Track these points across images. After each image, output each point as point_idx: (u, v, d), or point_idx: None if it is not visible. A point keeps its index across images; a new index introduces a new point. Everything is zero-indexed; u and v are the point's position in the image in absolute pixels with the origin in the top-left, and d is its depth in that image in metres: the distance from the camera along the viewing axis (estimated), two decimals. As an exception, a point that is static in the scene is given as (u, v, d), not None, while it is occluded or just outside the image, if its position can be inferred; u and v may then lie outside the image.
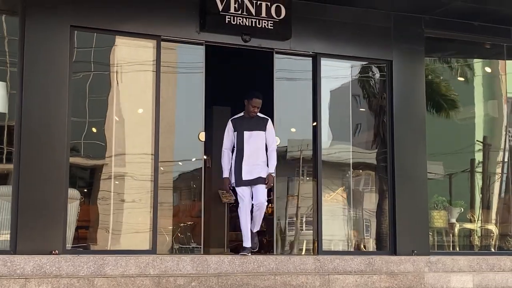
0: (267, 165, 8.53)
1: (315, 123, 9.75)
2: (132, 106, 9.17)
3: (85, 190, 9.03)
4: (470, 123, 11.73)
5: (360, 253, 9.79)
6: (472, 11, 10.14)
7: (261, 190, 8.47)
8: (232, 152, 8.64)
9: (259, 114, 8.53)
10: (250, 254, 8.39)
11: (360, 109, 10.74)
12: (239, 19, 9.19)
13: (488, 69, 11.90)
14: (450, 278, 8.86)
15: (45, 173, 8.20)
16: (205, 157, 15.00)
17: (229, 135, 8.59)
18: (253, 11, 9.26)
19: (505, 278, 9.14)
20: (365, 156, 10.40)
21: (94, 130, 8.89)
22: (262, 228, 15.27)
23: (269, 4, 9.34)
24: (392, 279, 8.38)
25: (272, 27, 9.37)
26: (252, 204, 8.56)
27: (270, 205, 18.36)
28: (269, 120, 8.61)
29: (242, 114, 8.58)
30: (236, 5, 9.18)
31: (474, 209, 11.38)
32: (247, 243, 8.63)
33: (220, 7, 9.12)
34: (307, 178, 10.25)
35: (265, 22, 9.33)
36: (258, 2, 9.30)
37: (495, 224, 11.10)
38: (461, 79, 11.58)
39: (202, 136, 9.19)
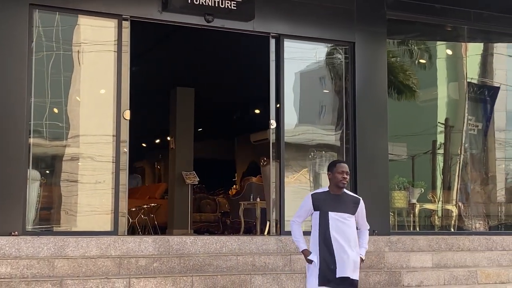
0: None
1: (278, 105, 9.76)
2: (94, 87, 9.07)
3: (47, 172, 8.93)
4: (432, 105, 11.88)
5: (322, 233, 9.85)
6: (434, -6, 10.24)
7: None
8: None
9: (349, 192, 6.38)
10: None
11: (324, 91, 10.79)
12: (202, -1, 9.14)
13: (449, 52, 12.03)
14: (410, 257, 9.00)
15: (5, 154, 8.09)
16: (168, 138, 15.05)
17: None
18: (216, -9, 9.22)
19: (463, 258, 9.32)
20: (329, 138, 10.46)
21: (56, 111, 8.79)
22: (226, 209, 15.43)
23: (232, -16, 9.30)
24: (353, 259, 8.47)
25: (235, 8, 9.32)
26: None
27: (235, 186, 18.49)
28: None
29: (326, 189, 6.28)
30: (199, -15, 9.11)
31: (435, 189, 11.56)
32: None
33: (183, -13, 9.04)
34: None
35: (228, 3, 9.28)
36: (221, -18, 9.26)
37: (455, 205, 11.27)
38: (423, 61, 11.69)
39: (127, 114, 8.84)
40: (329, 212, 6.01)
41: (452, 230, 11.01)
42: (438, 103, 11.99)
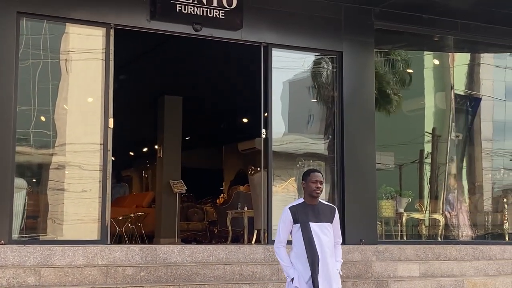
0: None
1: (266, 114, 9.77)
2: (81, 95, 9.05)
3: (33, 180, 8.89)
4: (419, 114, 11.93)
5: (309, 243, 9.85)
6: (421, 4, 10.28)
7: None
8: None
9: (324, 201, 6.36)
10: None
11: (312, 100, 10.82)
12: (190, 8, 9.13)
13: (436, 62, 12.10)
14: (397, 266, 9.01)
15: (-9, 162, 8.05)
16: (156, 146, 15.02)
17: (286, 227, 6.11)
18: (204, 0, 9.22)
19: (450, 267, 9.34)
20: (317, 147, 10.48)
21: (43, 119, 8.75)
22: (213, 218, 15.40)
23: (220, -7, 9.31)
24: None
25: (223, 17, 9.34)
26: None
27: (222, 195, 18.48)
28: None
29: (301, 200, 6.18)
30: (188, -6, 9.12)
31: (423, 199, 11.59)
32: None
33: (171, -4, 9.05)
34: (258, 169, 10.28)
35: (216, 12, 9.29)
36: (210, -9, 9.27)
37: (442, 214, 11.31)
38: (411, 71, 11.74)
39: (111, 122, 8.77)
40: (310, 223, 5.95)
41: (439, 239, 11.04)
42: (426, 113, 12.04)
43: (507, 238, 11.50)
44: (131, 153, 22.94)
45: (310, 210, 6.03)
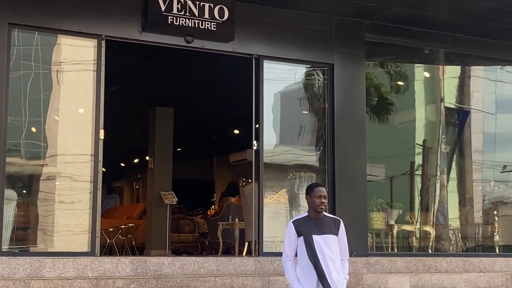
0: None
1: (257, 125, 9.79)
2: (72, 106, 9.04)
3: (24, 191, 8.86)
4: (410, 126, 11.96)
5: (300, 255, 9.84)
6: (411, 17, 10.33)
7: None
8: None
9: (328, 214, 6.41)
10: None
11: (304, 112, 10.84)
12: (182, 20, 9.16)
13: (427, 74, 12.16)
14: (388, 279, 9.01)
15: (-19, 173, 8.02)
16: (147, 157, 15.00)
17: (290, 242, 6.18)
18: (196, 12, 9.24)
19: (441, 279, 9.35)
20: (308, 159, 10.49)
21: (33, 130, 8.74)
22: (204, 230, 15.36)
23: (212, 5, 9.33)
24: (331, 280, 8.46)
25: (215, 29, 9.36)
26: None
27: (213, 206, 18.46)
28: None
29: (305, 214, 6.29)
30: (179, 6, 9.14)
31: (413, 211, 11.60)
32: None
33: (163, 8, 9.06)
34: (249, 181, 10.28)
35: (208, 24, 9.32)
36: (201, 3, 9.29)
37: (432, 226, 11.33)
38: (401, 83, 11.79)
39: (102, 134, 8.77)
40: (313, 236, 6.01)
41: (430, 251, 11.04)
42: (416, 125, 12.08)
43: (497, 250, 11.52)
44: (122, 164, 22.88)
45: (313, 223, 6.10)
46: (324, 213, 6.19)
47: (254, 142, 9.66)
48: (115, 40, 9.01)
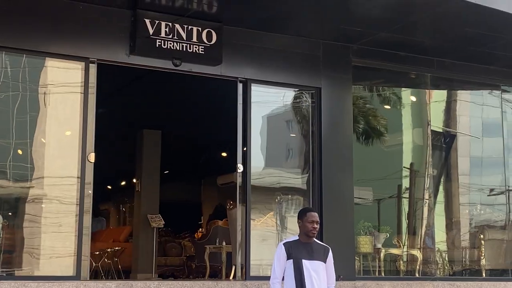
0: None
1: (245, 148, 9.79)
2: (59, 128, 9.01)
3: (10, 214, 8.79)
4: (397, 150, 12.01)
5: (287, 278, 9.80)
6: (398, 42, 10.43)
7: None
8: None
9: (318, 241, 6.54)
10: None
11: (291, 135, 10.87)
12: (170, 43, 9.19)
13: (413, 98, 12.24)
14: (375, 302, 8.99)
15: (-34, 195, 7.97)
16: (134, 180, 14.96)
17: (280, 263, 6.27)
18: (184, 35, 9.28)
19: (428, 303, 9.34)
20: (295, 181, 10.50)
21: (20, 152, 8.70)
22: (191, 253, 15.29)
23: (200, 29, 9.38)
24: (318, 304, 8.43)
25: (203, 52, 9.40)
26: None
27: (201, 229, 18.40)
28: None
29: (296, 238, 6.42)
30: (167, 29, 9.18)
31: (401, 234, 11.60)
32: None
33: (151, 31, 9.09)
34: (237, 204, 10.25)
35: (196, 47, 9.36)
36: (189, 27, 9.33)
37: (419, 249, 11.33)
38: (388, 107, 11.87)
39: (92, 157, 8.78)
40: (303, 260, 6.09)
41: (417, 275, 11.03)
42: (403, 148, 12.13)
43: (484, 274, 11.53)
44: (109, 187, 22.79)
45: (303, 248, 6.19)
46: (314, 239, 6.24)
47: (239, 165, 9.65)
48: (103, 63, 9.01)
